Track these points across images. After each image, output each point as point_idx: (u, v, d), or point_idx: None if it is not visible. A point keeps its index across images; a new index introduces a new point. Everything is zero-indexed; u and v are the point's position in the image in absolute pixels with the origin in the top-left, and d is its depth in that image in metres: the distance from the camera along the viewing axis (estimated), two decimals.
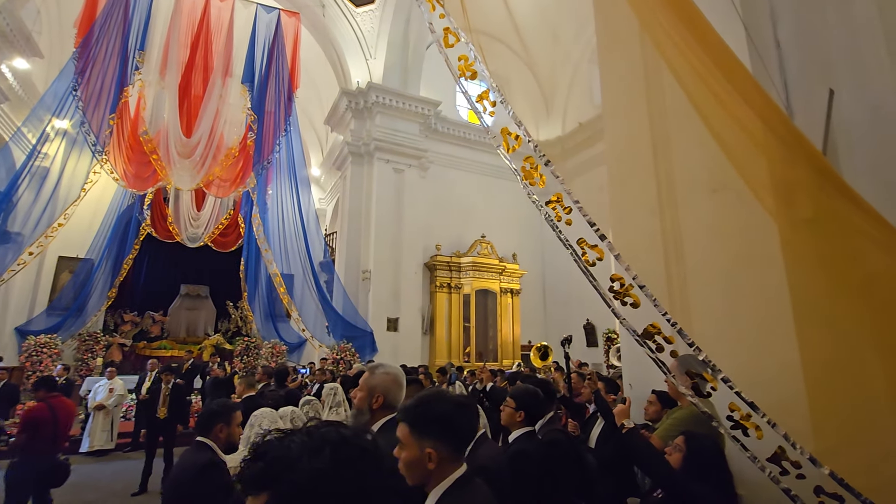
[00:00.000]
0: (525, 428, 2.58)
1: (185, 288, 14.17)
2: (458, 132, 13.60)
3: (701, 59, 2.67)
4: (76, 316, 11.64)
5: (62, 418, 3.87)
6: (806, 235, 2.44)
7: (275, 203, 11.66)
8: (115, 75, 9.46)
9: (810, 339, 2.43)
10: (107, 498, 5.72)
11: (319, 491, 0.66)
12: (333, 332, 10.75)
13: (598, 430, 3.28)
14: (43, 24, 11.57)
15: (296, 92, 11.39)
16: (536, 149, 2.54)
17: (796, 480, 1.97)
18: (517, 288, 13.37)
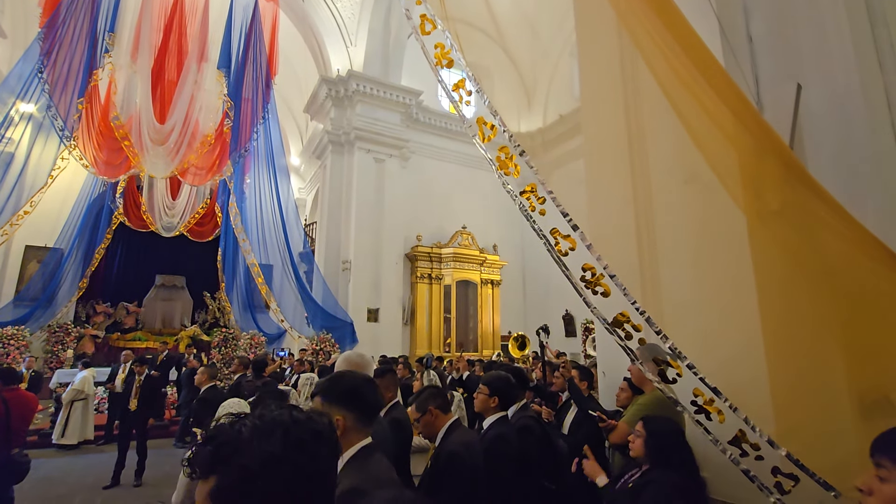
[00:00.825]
0: (499, 413, 2.63)
1: (161, 278, 13.89)
2: (440, 122, 13.53)
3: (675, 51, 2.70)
4: (45, 307, 11.31)
5: (17, 413, 3.74)
6: (772, 226, 2.51)
7: (253, 192, 11.46)
8: (83, 57, 9.11)
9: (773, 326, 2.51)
10: (77, 491, 5.60)
11: (269, 474, 0.65)
12: (313, 323, 10.67)
13: (572, 417, 3.35)
14: (5, 1, 11.04)
15: (274, 78, 11.15)
16: (511, 139, 2.54)
17: (755, 462, 2.04)
18: (498, 279, 13.45)
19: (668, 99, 2.83)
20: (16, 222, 8.96)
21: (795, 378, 2.28)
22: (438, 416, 2.34)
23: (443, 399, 2.42)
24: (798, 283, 2.41)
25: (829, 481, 1.93)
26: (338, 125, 12.04)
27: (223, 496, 0.64)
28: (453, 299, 12.57)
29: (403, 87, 12.39)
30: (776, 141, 2.55)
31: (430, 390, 2.47)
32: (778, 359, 2.39)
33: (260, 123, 10.83)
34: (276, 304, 11.24)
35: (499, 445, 2.43)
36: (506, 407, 2.66)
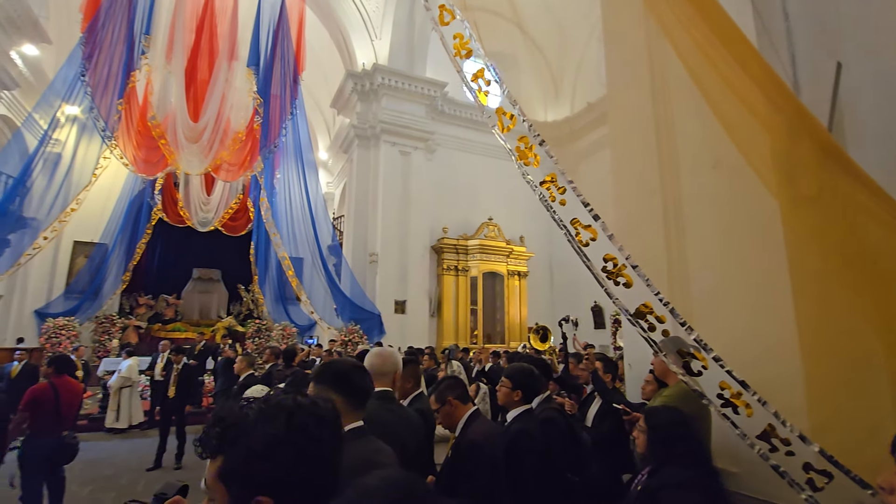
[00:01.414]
0: (523, 406, 2.59)
1: (198, 272, 14.40)
2: (465, 114, 13.45)
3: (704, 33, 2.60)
4: (92, 299, 11.92)
5: (65, 398, 3.98)
6: (807, 213, 2.40)
7: (283, 187, 11.71)
8: (121, 60, 9.49)
9: (808, 316, 2.40)
10: (123, 473, 5.94)
11: (272, 455, 0.68)
12: (342, 315, 10.88)
13: (595, 410, 3.31)
14: (50, 8, 11.58)
15: (301, 75, 11.31)
16: (531, 128, 2.51)
17: (786, 457, 1.97)
18: (524, 270, 13.35)
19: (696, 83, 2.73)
20: (64, 219, 9.47)
21: (831, 371, 2.18)
22: (458, 406, 2.35)
23: (462, 389, 2.42)
24: (835, 272, 2.30)
25: (865, 479, 1.84)
26: (364, 119, 12.15)
27: (230, 475, 0.68)
28: (480, 291, 12.56)
29: (428, 79, 12.36)
30: (812, 123, 2.43)
31: (449, 381, 2.48)
32: (813, 351, 2.29)
33: (288, 119, 11.03)
34: (306, 296, 11.50)
35: (523, 441, 2.40)
36: (529, 400, 2.63)
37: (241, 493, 0.68)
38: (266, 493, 0.66)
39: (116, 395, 8.08)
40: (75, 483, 4.83)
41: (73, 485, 4.70)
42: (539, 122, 14.05)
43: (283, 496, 0.66)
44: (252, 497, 0.66)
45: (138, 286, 13.30)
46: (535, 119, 12.09)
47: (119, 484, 5.60)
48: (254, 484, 0.67)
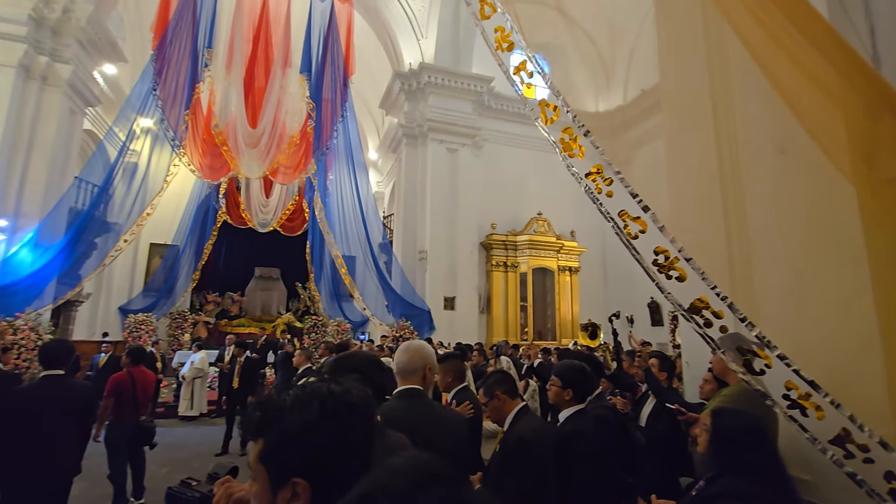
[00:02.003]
0: (575, 406, 2.50)
1: (259, 270, 15.21)
2: (512, 108, 13.28)
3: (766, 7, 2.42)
4: (167, 297, 12.92)
5: (140, 386, 4.36)
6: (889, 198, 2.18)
7: (335, 188, 12.11)
8: (187, 73, 10.17)
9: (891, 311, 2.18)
10: (195, 457, 6.40)
11: (306, 439, 0.72)
12: (393, 311, 11.11)
13: (649, 409, 3.18)
14: (126, 30, 12.62)
15: (351, 78, 11.62)
16: (575, 119, 2.44)
17: (864, 465, 1.81)
18: (576, 266, 13.03)
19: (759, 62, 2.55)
20: (141, 223, 10.29)
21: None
22: (506, 401, 2.33)
23: (510, 384, 2.40)
24: None
25: None
26: (411, 118, 12.30)
27: (268, 457, 0.73)
28: (529, 287, 12.40)
29: (474, 75, 12.33)
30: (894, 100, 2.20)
31: (497, 375, 2.47)
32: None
33: (339, 122, 11.38)
34: (358, 293, 11.83)
35: (576, 443, 2.31)
36: (581, 399, 2.53)
37: (278, 474, 0.72)
38: (301, 475, 0.70)
39: (189, 386, 8.72)
40: (154, 464, 5.26)
41: (153, 466, 5.12)
42: (588, 113, 13.65)
43: (317, 479, 0.70)
44: (289, 478, 0.70)
45: (206, 284, 14.24)
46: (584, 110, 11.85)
47: (191, 466, 6.04)
48: (289, 466, 0.71)
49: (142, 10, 12.65)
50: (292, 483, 0.70)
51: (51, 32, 9.37)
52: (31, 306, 8.48)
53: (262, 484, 0.73)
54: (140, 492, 4.76)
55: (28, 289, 8.59)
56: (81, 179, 10.09)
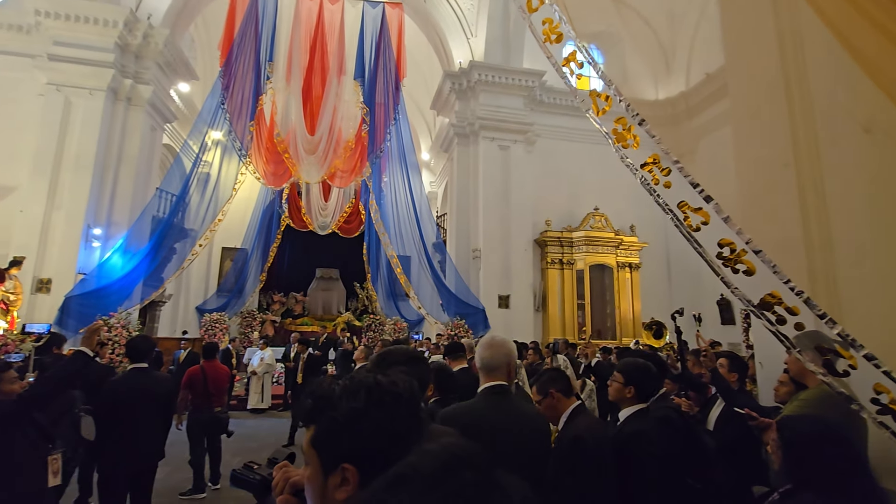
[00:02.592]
0: (637, 405, 2.39)
1: (320, 271, 15.90)
2: (565, 101, 12.95)
3: None
4: (237, 297, 13.82)
5: (211, 379, 4.70)
6: None
7: (389, 189, 12.40)
8: (251, 87, 10.82)
9: None
10: (265, 447, 6.80)
11: (354, 426, 0.76)
12: (447, 310, 11.20)
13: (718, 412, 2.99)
14: (196, 49, 13.61)
15: (402, 81, 11.85)
16: (628, 108, 2.35)
17: None
18: (636, 262, 12.50)
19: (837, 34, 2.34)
20: (213, 228, 11.08)
21: None
22: (560, 399, 2.28)
23: (565, 382, 2.35)
24: None
25: None
26: (462, 117, 12.33)
27: (319, 443, 0.77)
28: (587, 285, 12.05)
29: (525, 70, 12.15)
30: None
31: (551, 373, 2.42)
32: None
33: (392, 125, 11.64)
34: (413, 292, 12.05)
35: (639, 444, 2.20)
36: (644, 398, 2.41)
37: (328, 459, 0.76)
38: (350, 461, 0.74)
39: (259, 380, 9.28)
40: (227, 453, 5.64)
41: (226, 455, 5.50)
42: (645, 102, 13.03)
43: (364, 464, 0.73)
44: (338, 464, 0.74)
45: (272, 285, 15.09)
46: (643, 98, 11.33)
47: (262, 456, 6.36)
48: (339, 452, 0.75)
49: (210, 29, 13.61)
50: (342, 468, 0.73)
51: (133, 57, 10.32)
52: (122, 306, 9.37)
53: (314, 468, 0.77)
54: (216, 477, 5.14)
55: (119, 290, 9.51)
56: (162, 190, 11.02)
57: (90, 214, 9.51)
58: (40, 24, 9.67)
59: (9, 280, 7.97)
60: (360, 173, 11.81)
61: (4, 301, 7.86)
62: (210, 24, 13.43)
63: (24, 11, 9.75)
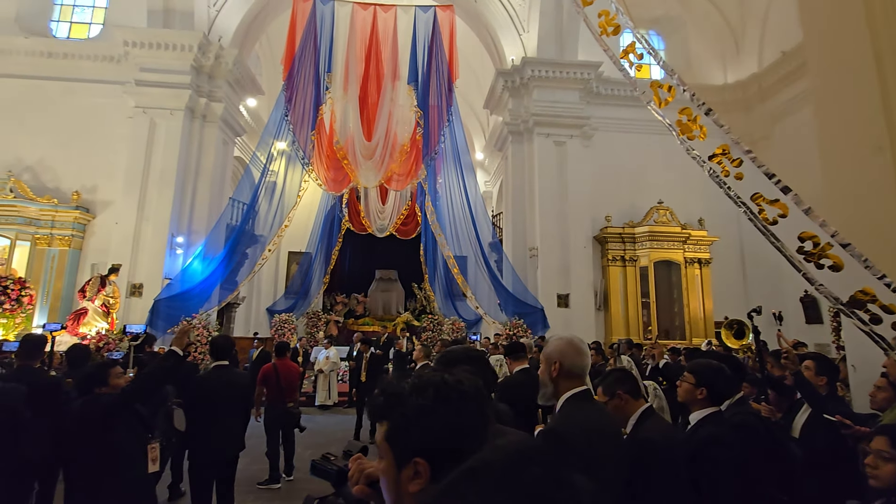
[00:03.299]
0: (710, 408, 2.25)
1: (379, 273, 16.37)
2: (624, 92, 12.45)
3: None
4: (303, 298, 14.55)
5: (284, 376, 4.99)
6: None
7: (444, 191, 12.53)
8: (312, 98, 11.35)
9: None
10: (332, 442, 7.13)
11: (423, 422, 0.80)
12: (505, 309, 11.14)
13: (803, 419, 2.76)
14: (262, 66, 14.47)
15: (455, 82, 11.93)
16: (694, 97, 2.24)
17: None
18: (706, 257, 11.79)
19: None
20: (281, 234, 11.74)
21: None
22: (628, 401, 2.21)
23: (633, 383, 2.27)
24: None
25: None
26: (516, 115, 12.22)
27: (391, 438, 0.83)
28: (651, 282, 11.53)
29: (580, 63, 11.83)
30: None
31: (618, 374, 2.36)
32: None
33: (446, 126, 11.75)
34: (471, 292, 12.10)
35: (714, 448, 2.07)
36: (717, 400, 2.27)
37: (401, 454, 0.81)
38: (421, 455, 0.78)
39: (327, 378, 9.72)
40: (300, 446, 5.96)
41: (298, 447, 5.82)
42: (713, 87, 12.24)
43: (435, 459, 0.78)
44: (411, 458, 0.79)
45: (335, 287, 15.76)
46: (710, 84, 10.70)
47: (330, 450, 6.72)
48: (410, 446, 0.80)
49: (273, 45, 14.43)
50: (414, 462, 0.78)
51: (207, 77, 11.17)
52: (203, 308, 10.17)
53: (388, 462, 0.83)
54: (290, 469, 5.46)
55: (200, 293, 10.33)
56: (234, 199, 11.84)
57: (173, 224, 10.41)
58: (128, 53, 10.72)
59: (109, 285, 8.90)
60: (416, 176, 12.02)
61: (105, 304, 8.80)
62: (273, 40, 14.24)
63: (114, 43, 10.85)
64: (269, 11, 12.57)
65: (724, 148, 2.10)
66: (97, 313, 8.77)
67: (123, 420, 2.50)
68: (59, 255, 10.35)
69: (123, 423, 2.50)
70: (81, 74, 11.12)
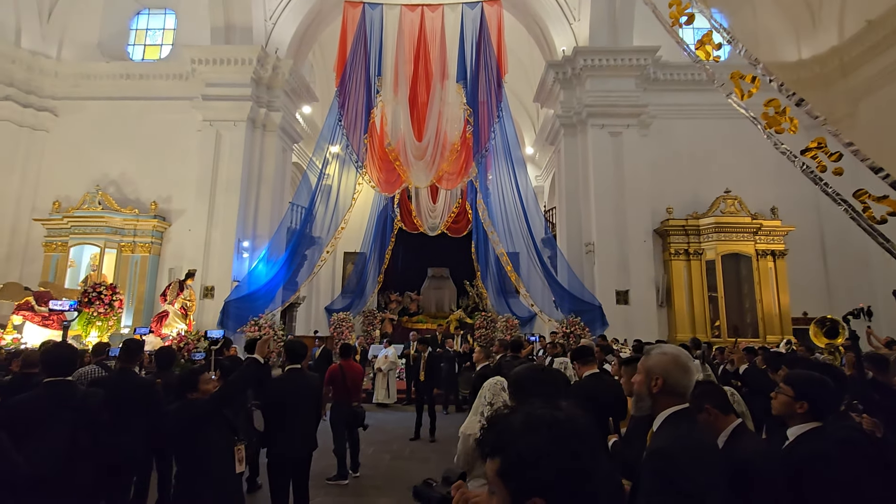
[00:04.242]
0: (811, 423, 2.05)
1: (432, 271, 16.56)
2: (684, 75, 11.83)
3: None
4: (359, 297, 14.99)
5: (349, 376, 5.16)
6: None
7: (495, 187, 12.43)
8: (364, 102, 11.62)
9: None
10: (393, 440, 7.31)
11: (539, 464, 0.78)
12: (561, 307, 10.93)
13: None
14: (315, 74, 14.97)
15: (504, 78, 11.78)
16: (783, 87, 2.08)
17: None
18: (781, 248, 10.98)
19: None
20: (338, 236, 12.13)
21: None
22: (717, 416, 2.06)
23: (721, 398, 2.11)
24: None
25: None
26: (568, 107, 11.91)
27: (506, 475, 0.81)
28: (719, 276, 10.90)
29: (636, 48, 11.34)
30: None
31: (705, 386, 2.20)
32: None
33: (496, 122, 11.64)
34: (525, 289, 11.95)
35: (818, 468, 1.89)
36: (819, 415, 2.07)
37: (517, 492, 0.80)
38: (539, 495, 0.76)
39: (385, 377, 9.96)
40: (363, 444, 6.14)
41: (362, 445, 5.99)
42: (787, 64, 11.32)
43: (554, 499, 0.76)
44: (528, 497, 0.77)
45: (389, 285, 16.10)
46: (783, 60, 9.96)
47: (391, 448, 6.92)
48: (527, 486, 0.78)
49: (325, 53, 14.89)
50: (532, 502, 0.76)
51: (265, 88, 11.73)
52: (268, 308, 10.72)
53: (503, 498, 0.82)
54: (356, 466, 5.65)
55: (265, 295, 10.89)
56: (293, 203, 12.36)
57: (239, 229, 11.03)
58: (195, 70, 11.43)
59: (186, 289, 9.57)
60: (467, 174, 12.01)
61: (184, 307, 9.48)
62: (325, 48, 14.68)
63: (183, 62, 11.61)
64: (321, 20, 12.97)
65: (819, 141, 1.94)
66: (177, 315, 9.47)
67: (214, 423, 2.69)
68: (141, 261, 11.26)
69: (214, 426, 2.69)
70: (155, 93, 12.00)
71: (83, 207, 11.02)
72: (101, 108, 12.09)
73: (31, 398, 2.48)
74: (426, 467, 5.89)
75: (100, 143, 11.91)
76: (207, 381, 2.77)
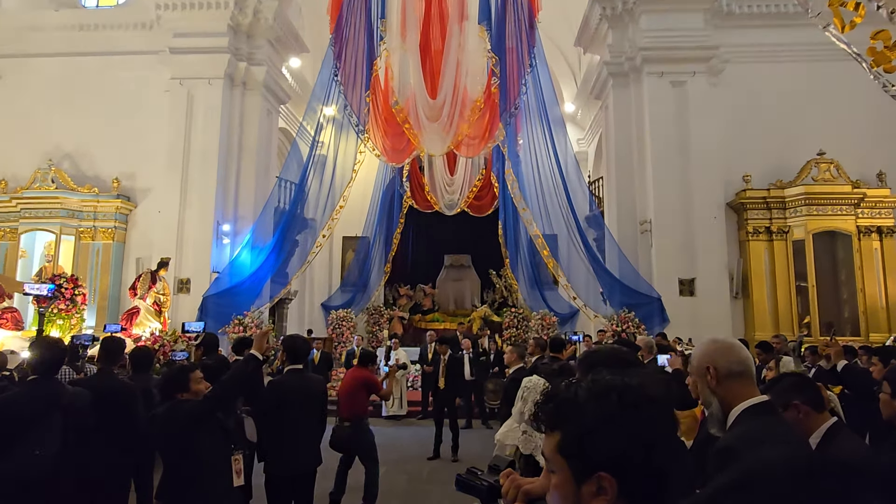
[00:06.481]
0: None
1: (449, 258, 16.64)
2: (766, 7, 11.56)
3: None
4: (362, 291, 15.22)
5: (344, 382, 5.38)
6: None
7: (527, 154, 12.43)
8: (364, 51, 11.69)
9: None
10: (408, 459, 7.50)
11: (607, 432, 0.84)
12: (610, 300, 10.95)
13: None
14: (304, 19, 15.03)
15: (538, 17, 11.70)
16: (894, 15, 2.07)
17: None
18: (889, 224, 10.78)
19: None
20: (335, 216, 12.30)
21: None
22: (808, 413, 2.14)
23: (814, 392, 2.20)
24: None
25: None
26: (618, 51, 11.78)
27: (568, 449, 0.88)
28: (809, 259, 10.77)
29: None
30: None
31: (793, 379, 2.32)
32: None
33: (527, 73, 11.59)
34: (565, 279, 11.98)
35: None
36: None
37: (580, 467, 0.86)
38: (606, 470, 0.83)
39: (398, 385, 10.17)
40: None
41: None
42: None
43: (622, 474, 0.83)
44: (593, 472, 0.84)
45: (398, 277, 16.27)
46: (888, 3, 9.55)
47: (406, 468, 7.11)
48: (592, 459, 0.85)
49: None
50: (598, 477, 0.84)
51: (245, 37, 11.88)
52: (254, 305, 10.99)
53: (564, 477, 0.89)
54: None
55: (250, 288, 11.17)
56: (282, 179, 12.56)
57: (218, 210, 11.29)
58: (160, 17, 11.62)
59: (159, 282, 9.88)
60: (492, 138, 12.03)
61: (157, 302, 9.79)
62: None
63: (145, 7, 11.80)
64: None
65: None
66: (149, 312, 9.80)
67: (208, 429, 2.84)
68: (104, 250, 11.61)
69: (207, 432, 2.83)
70: (115, 47, 12.19)
71: (34, 187, 11.36)
72: (50, 67, 12.37)
73: (19, 397, 2.65)
74: (447, 491, 6.03)
75: (50, 109, 12.22)
76: (199, 380, 2.91)
